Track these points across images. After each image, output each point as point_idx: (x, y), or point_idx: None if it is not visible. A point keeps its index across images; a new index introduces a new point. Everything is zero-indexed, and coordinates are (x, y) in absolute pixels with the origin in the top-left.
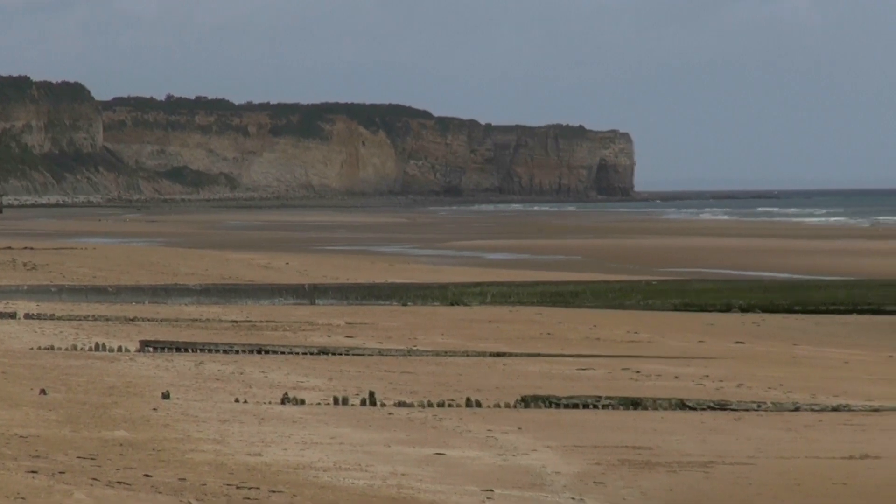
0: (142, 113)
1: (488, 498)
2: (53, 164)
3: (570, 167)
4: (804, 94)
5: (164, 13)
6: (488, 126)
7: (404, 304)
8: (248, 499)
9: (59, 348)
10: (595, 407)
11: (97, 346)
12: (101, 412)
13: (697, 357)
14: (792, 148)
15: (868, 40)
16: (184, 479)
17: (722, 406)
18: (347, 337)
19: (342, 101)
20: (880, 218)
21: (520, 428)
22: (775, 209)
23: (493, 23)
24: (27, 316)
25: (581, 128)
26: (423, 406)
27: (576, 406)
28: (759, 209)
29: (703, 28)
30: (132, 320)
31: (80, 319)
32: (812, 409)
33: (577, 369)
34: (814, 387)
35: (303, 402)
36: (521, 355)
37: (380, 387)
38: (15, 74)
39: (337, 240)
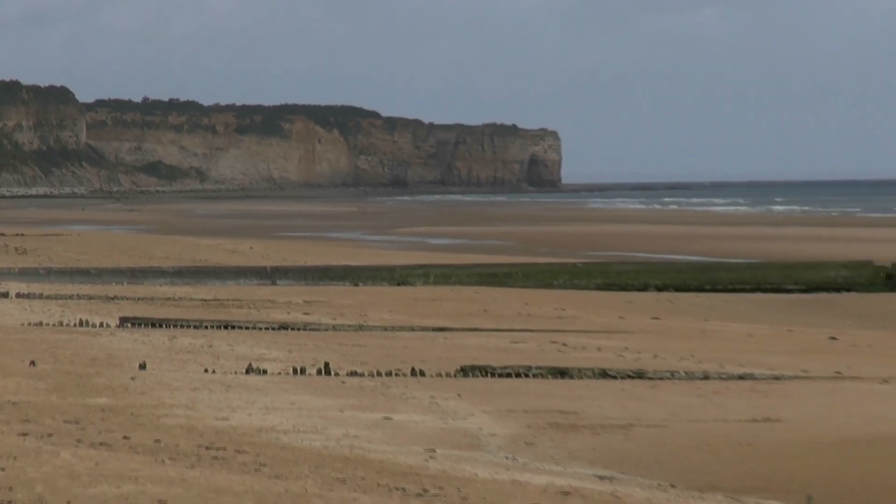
0: (121, 113)
1: (431, 457)
2: (41, 160)
3: (504, 162)
4: (712, 95)
5: (140, 24)
6: (431, 125)
7: (356, 285)
8: (217, 458)
9: (47, 324)
10: (526, 376)
11: (81, 322)
12: (85, 381)
13: (618, 331)
14: (701, 144)
15: (766, 48)
16: (159, 441)
17: (640, 375)
18: (305, 314)
19: (300, 102)
20: (773, 207)
21: (459, 395)
22: (686, 199)
23: (434, 32)
24: (18, 295)
25: (514, 126)
26: (372, 375)
27: (509, 375)
28: (673, 199)
29: (623, 37)
30: (112, 299)
31: (65, 298)
32: (720, 378)
33: (511, 342)
34: (722, 358)
35: (265, 372)
36: (461, 330)
37: (334, 358)
38: (7, 79)
39: (295, 227)
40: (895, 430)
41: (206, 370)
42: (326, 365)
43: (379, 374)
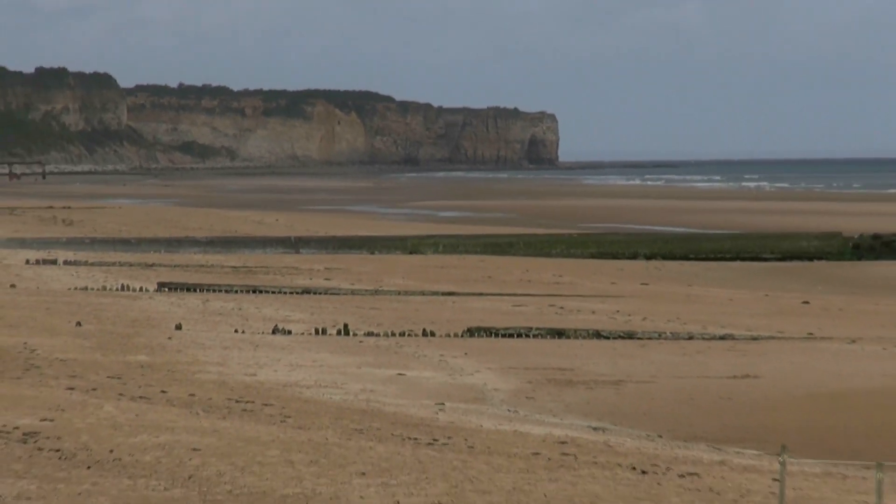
0: (158, 97)
1: (440, 409)
2: (86, 140)
3: (507, 142)
4: (695, 81)
5: (176, 16)
6: (440, 108)
7: (372, 253)
8: (245, 411)
9: (92, 288)
10: (527, 336)
11: (122, 287)
12: (126, 340)
13: (610, 296)
14: (685, 125)
15: (743, 38)
16: (193, 395)
17: (630, 335)
18: (326, 279)
19: (321, 87)
20: (750, 184)
21: (466, 353)
22: (671, 176)
23: (444, 23)
24: (66, 262)
25: (516, 109)
26: (387, 335)
27: (511, 335)
28: (659, 176)
29: (616, 28)
30: (151, 266)
31: (108, 265)
32: (703, 338)
33: (512, 306)
34: (704, 320)
35: (290, 332)
36: (467, 294)
37: (352, 320)
38: (55, 66)
39: (317, 201)
40: (862, 385)
41: (235, 330)
42: (345, 326)
43: (393, 334)
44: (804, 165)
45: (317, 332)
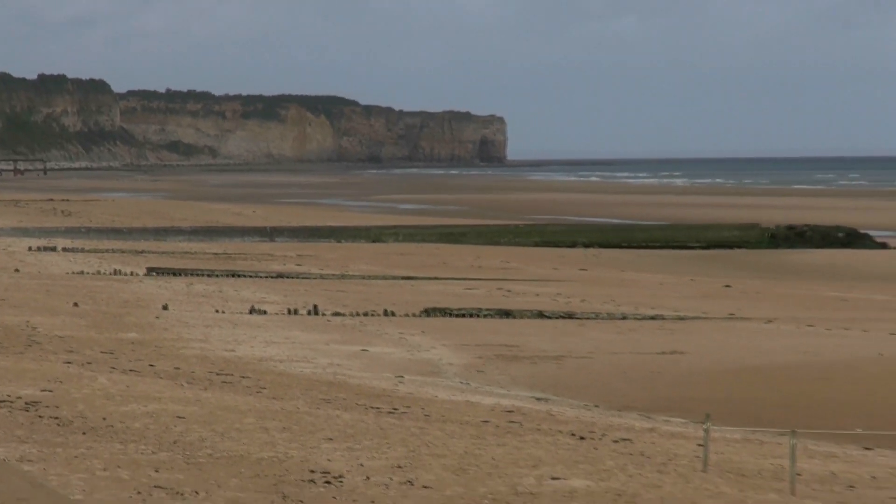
0: (148, 101)
1: (400, 382)
2: (83, 139)
3: (460, 142)
4: (630, 87)
5: (165, 28)
6: (401, 112)
7: (339, 241)
8: (225, 382)
9: (87, 273)
10: (477, 316)
11: (115, 271)
12: (118, 319)
13: (552, 280)
14: (621, 127)
15: (673, 48)
16: (178, 368)
17: (570, 315)
18: (297, 265)
19: (294, 93)
20: (664, 179)
21: (423, 331)
22: (608, 173)
23: (404, 35)
24: (64, 249)
25: (468, 113)
26: (352, 315)
27: (463, 315)
28: (596, 173)
29: (561, 39)
30: (140, 252)
31: (102, 252)
32: (635, 318)
33: (465, 289)
34: (637, 301)
35: (265, 312)
36: (424, 278)
37: (321, 301)
38: (55, 73)
39: (290, 195)
40: (777, 360)
41: (216, 311)
42: (315, 307)
43: (357, 314)
44: (727, 163)
45: (289, 312)
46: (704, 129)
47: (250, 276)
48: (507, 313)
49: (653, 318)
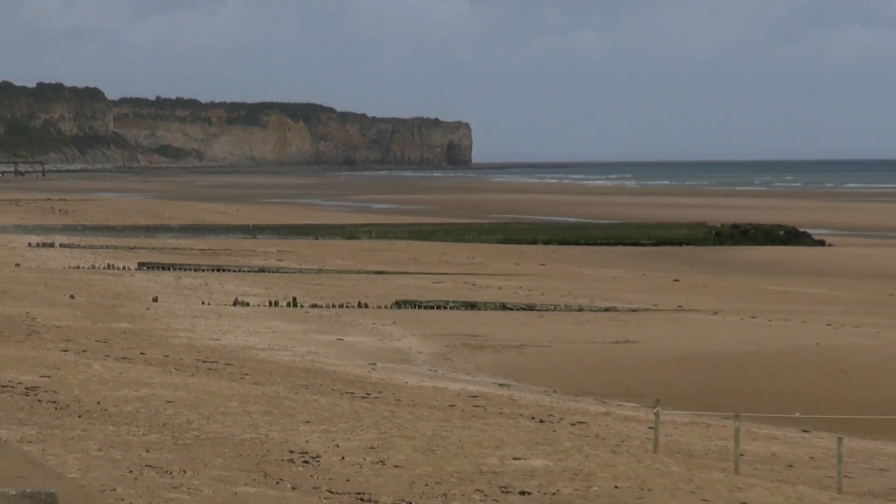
0: (139, 108)
1: (373, 369)
2: (79, 143)
3: (429, 146)
4: (588, 95)
5: (155, 40)
6: (374, 118)
7: (316, 238)
8: (211, 369)
9: (83, 267)
10: (445, 308)
11: (108, 266)
12: (111, 310)
13: (514, 274)
14: (580, 132)
15: (627, 59)
16: (167, 356)
17: (530, 307)
18: (278, 260)
19: (275, 101)
20: (617, 181)
21: (394, 322)
22: (567, 175)
23: (376, 46)
24: (61, 245)
25: (437, 119)
26: (328, 307)
27: (432, 307)
28: (556, 175)
29: (524, 50)
30: (132, 248)
31: (97, 248)
32: (591, 310)
33: (433, 282)
34: (592, 294)
35: (248, 304)
36: (395, 273)
37: (300, 294)
38: (53, 82)
39: (271, 195)
40: (722, 349)
41: (202, 303)
42: (294, 299)
43: (333, 306)
44: (675, 166)
45: (270, 304)
46: (655, 135)
47: (234, 271)
48: (472, 305)
49: (607, 309)
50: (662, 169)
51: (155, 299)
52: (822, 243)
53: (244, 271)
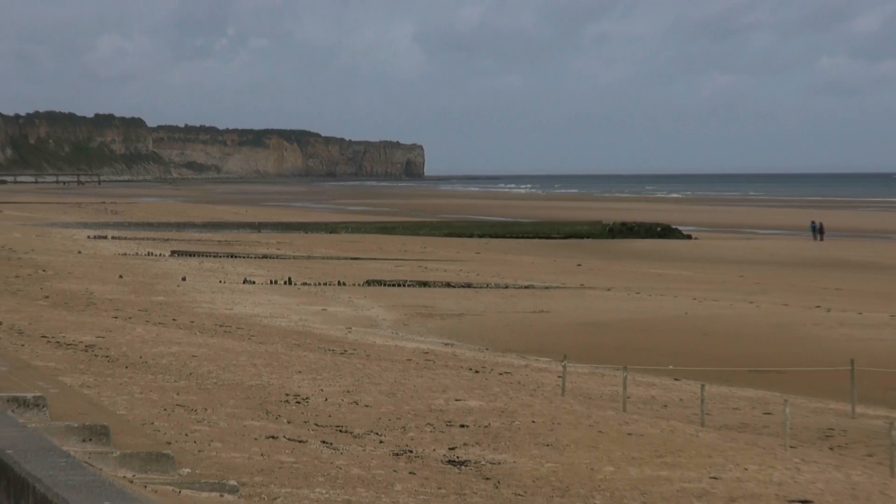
0: (172, 133)
1: (349, 332)
2: (126, 160)
3: (392, 163)
4: (514, 123)
5: (183, 82)
6: (350, 141)
7: (306, 232)
8: (226, 331)
9: (129, 254)
10: (404, 285)
11: (148, 253)
12: (150, 287)
13: (456, 260)
14: (506, 151)
15: (547, 97)
16: (193, 322)
17: (468, 285)
18: (277, 249)
19: (275, 127)
20: (534, 189)
21: (365, 296)
22: (498, 184)
23: (354, 85)
24: (112, 237)
25: (398, 142)
26: (315, 285)
27: (394, 285)
28: (491, 185)
29: (466, 87)
30: (166, 240)
31: (139, 239)
32: (514, 287)
33: (395, 266)
34: (516, 276)
35: (254, 282)
36: (366, 259)
37: (294, 275)
38: (107, 113)
39: (272, 199)
40: (614, 317)
41: (220, 281)
42: (289, 278)
43: (319, 284)
44: (579, 178)
45: (271, 282)
46: (565, 154)
47: (243, 257)
48: (424, 283)
49: (527, 287)
50: (570, 180)
51: (183, 278)
52: (689, 237)
53: (251, 257)
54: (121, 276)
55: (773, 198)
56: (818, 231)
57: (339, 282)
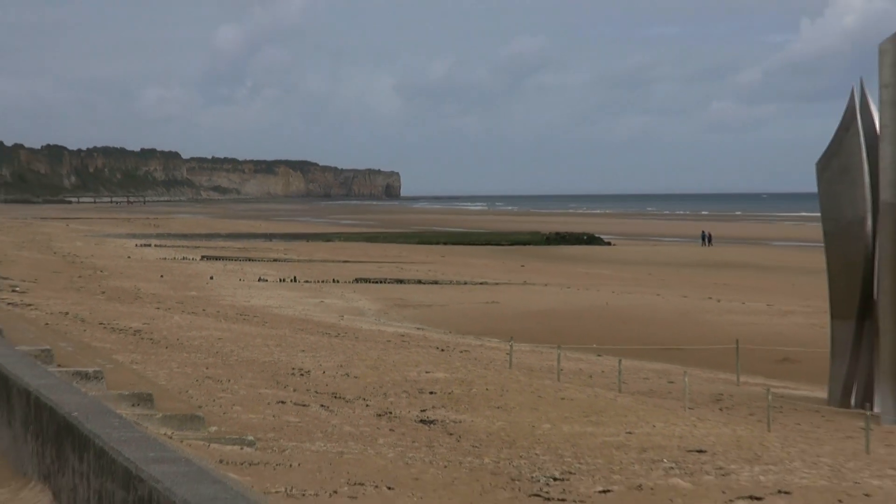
0: (201, 164)
1: (341, 319)
2: (166, 184)
3: (375, 186)
4: (472, 152)
5: (212, 122)
6: (342, 169)
7: (308, 241)
8: (244, 319)
9: (168, 258)
10: (384, 282)
11: (183, 258)
12: (185, 284)
13: (426, 262)
14: (466, 176)
15: (496, 131)
16: (218, 311)
17: (435, 282)
18: (284, 254)
19: (283, 158)
20: (487, 206)
21: (354, 291)
22: (459, 204)
23: (345, 124)
24: (155, 245)
25: (379, 170)
26: (315, 282)
27: (377, 282)
28: (453, 204)
29: (433, 125)
30: (197, 247)
31: (176, 247)
32: (472, 283)
33: (377, 267)
34: (473, 274)
35: (266, 280)
36: (354, 262)
37: (298, 274)
38: (150, 147)
39: (281, 215)
40: (549, 307)
41: (239, 279)
42: (294, 277)
43: (318, 281)
44: (525, 198)
45: (280, 280)
46: (511, 179)
47: (258, 260)
48: (400, 281)
49: (481, 283)
50: (515, 199)
51: (211, 278)
52: (609, 244)
53: (264, 261)
54: (161, 276)
55: (673, 213)
56: (707, 239)
57: (333, 280)
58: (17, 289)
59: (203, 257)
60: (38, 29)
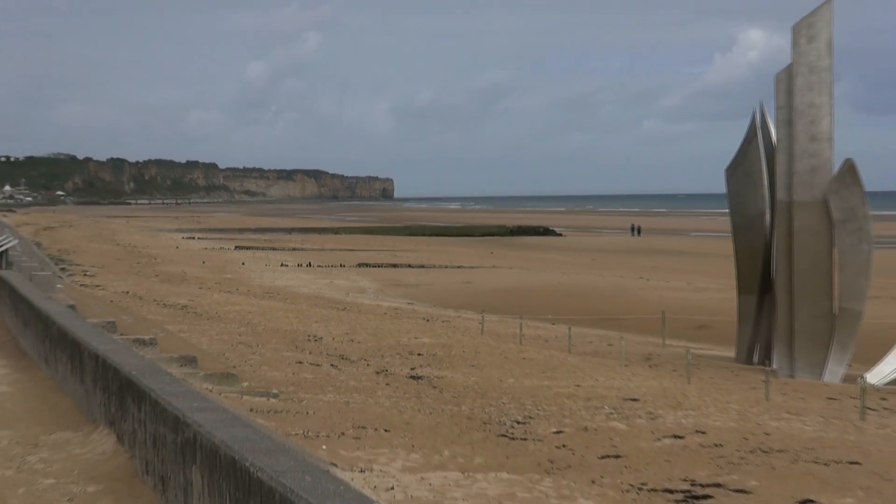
0: (234, 172)
1: (347, 295)
2: (207, 189)
3: (373, 189)
4: (453, 163)
5: (243, 140)
6: (347, 176)
7: (320, 234)
8: (270, 296)
9: (208, 248)
10: (381, 266)
11: (221, 248)
12: (222, 268)
13: (414, 250)
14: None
15: (472, 143)
16: (249, 291)
17: (422, 266)
18: (301, 244)
19: (300, 168)
20: (462, 205)
21: (357, 273)
22: (443, 204)
23: (350, 139)
24: (198, 238)
25: (377, 176)
26: (326, 267)
27: (376, 266)
28: (439, 204)
29: (421, 141)
30: (232, 239)
31: (215, 239)
32: (451, 267)
33: (375, 254)
34: (454, 260)
35: (287, 265)
36: (359, 250)
37: (312, 260)
38: (193, 160)
39: (299, 214)
40: (515, 285)
41: (265, 265)
42: (310, 262)
43: (328, 266)
44: (494, 199)
45: (298, 265)
46: (483, 183)
47: (280, 250)
48: (394, 265)
49: (458, 267)
50: (485, 200)
51: (243, 263)
52: (560, 235)
53: (286, 250)
54: (203, 262)
55: (611, 209)
56: (636, 230)
57: (340, 264)
58: (88, 273)
59: (236, 247)
60: (104, 64)
